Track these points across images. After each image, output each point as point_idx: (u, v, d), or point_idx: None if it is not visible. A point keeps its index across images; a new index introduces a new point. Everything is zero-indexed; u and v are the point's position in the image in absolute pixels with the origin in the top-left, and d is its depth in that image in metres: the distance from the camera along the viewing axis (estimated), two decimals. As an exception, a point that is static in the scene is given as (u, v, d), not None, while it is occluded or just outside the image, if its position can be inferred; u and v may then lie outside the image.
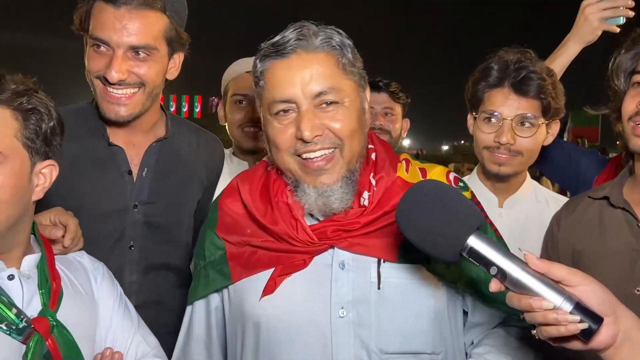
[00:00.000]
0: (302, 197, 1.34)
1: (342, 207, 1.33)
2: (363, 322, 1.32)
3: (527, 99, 1.85)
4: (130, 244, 1.80)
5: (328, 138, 1.30)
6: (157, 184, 1.84)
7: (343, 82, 1.32)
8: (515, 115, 1.86)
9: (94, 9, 1.67)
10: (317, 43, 1.30)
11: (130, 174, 1.80)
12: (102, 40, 1.66)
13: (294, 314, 1.34)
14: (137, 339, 1.47)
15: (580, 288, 1.01)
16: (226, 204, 1.48)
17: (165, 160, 1.87)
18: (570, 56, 2.19)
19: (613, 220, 1.56)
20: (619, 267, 1.49)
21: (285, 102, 1.30)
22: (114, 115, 1.72)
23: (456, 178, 1.49)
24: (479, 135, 1.94)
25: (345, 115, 1.31)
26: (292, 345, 1.33)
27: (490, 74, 1.89)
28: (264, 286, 1.36)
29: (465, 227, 1.08)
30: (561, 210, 1.72)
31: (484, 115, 1.91)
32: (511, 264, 1.03)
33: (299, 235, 1.34)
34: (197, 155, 2.01)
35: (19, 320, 1.19)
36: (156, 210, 1.83)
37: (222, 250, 1.44)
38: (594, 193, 1.64)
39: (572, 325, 0.98)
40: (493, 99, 1.89)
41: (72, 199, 1.70)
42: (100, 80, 1.70)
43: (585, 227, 1.61)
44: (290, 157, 1.33)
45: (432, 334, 1.35)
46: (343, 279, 1.34)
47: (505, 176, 1.94)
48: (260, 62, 1.34)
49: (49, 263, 1.32)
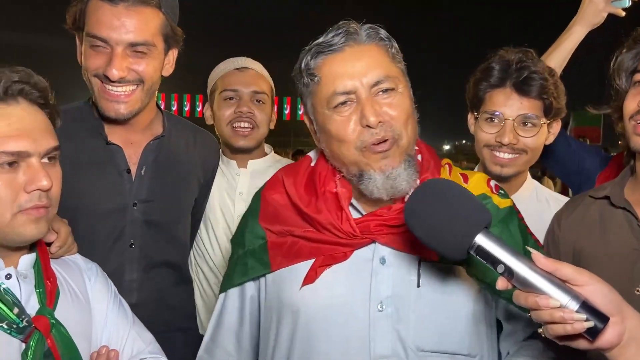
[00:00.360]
0: (369, 185, 1.34)
1: (409, 187, 1.34)
2: (401, 318, 1.33)
3: (529, 99, 1.85)
4: (130, 242, 1.80)
5: (389, 127, 1.33)
6: (155, 182, 1.84)
7: (394, 69, 1.37)
8: (518, 115, 1.85)
9: (90, 7, 1.66)
10: (366, 37, 1.36)
11: (129, 172, 1.81)
12: (101, 38, 1.65)
13: (334, 305, 1.36)
14: (133, 336, 1.48)
15: (587, 287, 1.01)
16: (269, 194, 1.50)
17: (163, 159, 1.88)
18: (577, 39, 2.18)
19: (614, 220, 1.56)
20: (619, 267, 1.49)
21: (345, 94, 1.33)
22: (114, 114, 1.72)
23: (497, 186, 1.50)
24: (480, 134, 1.94)
25: (401, 101, 1.35)
26: (330, 336, 1.34)
27: (492, 74, 1.89)
28: (305, 275, 1.38)
29: (473, 225, 1.09)
30: (562, 209, 1.72)
31: (485, 116, 1.91)
32: (518, 262, 1.04)
33: (343, 226, 1.36)
34: (194, 153, 2.01)
35: (19, 319, 1.20)
36: (155, 208, 1.84)
37: (262, 240, 1.46)
38: (595, 192, 1.64)
39: (578, 323, 0.98)
40: (495, 99, 1.88)
41: (71, 198, 1.69)
42: (99, 78, 1.69)
43: (586, 226, 1.61)
44: (354, 150, 1.34)
45: (468, 335, 1.35)
46: (383, 274, 1.35)
47: (507, 177, 1.94)
48: (312, 60, 1.37)
49: (44, 263, 1.33)
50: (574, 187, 2.38)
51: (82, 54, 1.72)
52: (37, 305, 1.25)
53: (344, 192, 1.39)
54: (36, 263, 1.32)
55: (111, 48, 1.65)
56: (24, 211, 1.22)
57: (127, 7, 1.64)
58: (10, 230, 1.22)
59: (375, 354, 1.32)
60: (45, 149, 1.25)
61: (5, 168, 1.20)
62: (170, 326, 1.90)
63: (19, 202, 1.21)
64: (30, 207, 1.22)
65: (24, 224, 1.23)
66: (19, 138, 1.20)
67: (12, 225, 1.21)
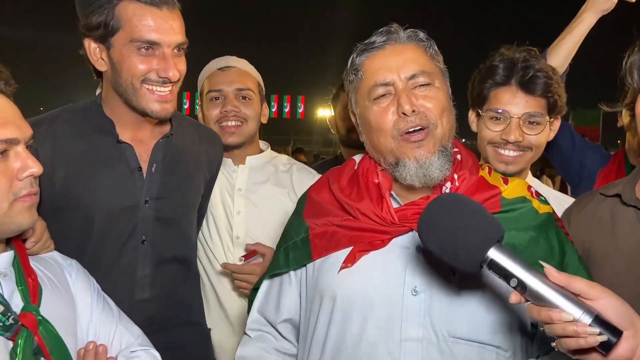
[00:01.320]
0: (402, 172, 1.40)
1: (441, 176, 1.40)
2: (434, 303, 1.36)
3: (535, 97, 1.85)
4: (142, 239, 1.83)
5: (424, 116, 1.40)
6: (165, 179, 1.86)
7: (432, 66, 1.46)
8: (523, 113, 1.86)
9: (127, 12, 1.65)
10: (406, 37, 1.46)
11: (140, 170, 1.82)
12: (153, 42, 1.66)
13: (369, 287, 1.40)
14: (120, 330, 1.47)
15: (600, 301, 1.01)
16: (315, 192, 1.58)
17: (172, 156, 1.90)
18: (587, 26, 2.18)
19: (625, 218, 1.54)
20: (629, 265, 1.48)
21: (384, 86, 1.42)
22: (164, 113, 1.77)
23: (537, 192, 1.52)
24: (484, 132, 1.93)
25: (436, 94, 1.43)
26: (364, 318, 1.38)
27: (497, 72, 1.89)
28: (344, 259, 1.42)
29: (485, 239, 1.10)
30: (571, 206, 1.71)
31: (490, 114, 1.91)
32: (531, 276, 1.05)
33: (383, 213, 1.41)
34: (199, 149, 2.03)
35: (5, 317, 1.17)
36: (165, 205, 1.86)
37: (305, 233, 1.52)
38: (606, 190, 1.63)
39: (592, 337, 0.99)
40: (500, 97, 1.88)
41: (85, 196, 1.75)
42: (149, 81, 1.71)
43: (596, 224, 1.59)
44: (391, 138, 1.41)
45: (501, 328, 1.36)
46: (419, 261, 1.38)
47: (510, 175, 1.93)
48: (357, 57, 1.48)
49: (22, 260, 1.31)
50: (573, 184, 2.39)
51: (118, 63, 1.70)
52: (21, 303, 1.23)
53: (384, 182, 1.46)
54: (15, 260, 1.30)
55: (161, 50, 1.68)
56: (19, 199, 1.22)
57: (170, 10, 1.68)
58: (8, 220, 1.22)
59: (406, 336, 1.34)
60: (29, 135, 1.25)
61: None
62: (181, 320, 1.93)
63: (14, 189, 1.22)
64: (25, 194, 1.23)
65: (20, 212, 1.23)
66: (6, 126, 1.20)
67: (10, 214, 1.22)
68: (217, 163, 2.16)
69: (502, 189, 1.45)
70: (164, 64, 1.68)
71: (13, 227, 1.24)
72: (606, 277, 1.51)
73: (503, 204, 1.42)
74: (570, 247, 1.46)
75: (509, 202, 1.43)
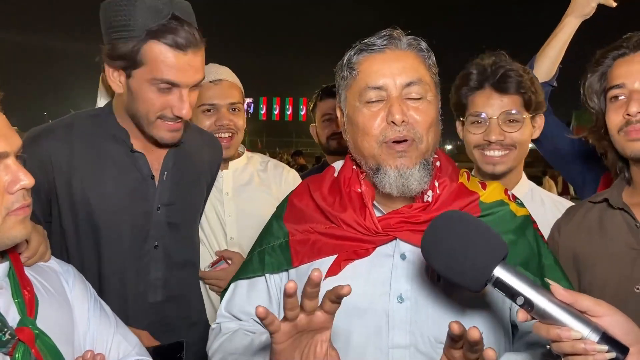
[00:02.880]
0: (382, 179, 1.39)
1: (420, 188, 1.39)
2: (420, 310, 1.36)
3: (509, 95, 1.91)
4: (155, 244, 1.86)
5: (411, 129, 1.39)
6: (175, 186, 1.91)
7: (427, 78, 1.44)
8: (500, 112, 1.91)
9: (153, 52, 1.66)
10: (407, 44, 1.45)
11: (153, 178, 1.87)
12: (173, 83, 1.70)
13: (354, 296, 1.35)
14: (118, 339, 1.45)
15: (605, 319, 1.02)
16: (297, 198, 1.57)
17: (181, 163, 1.95)
18: (570, 30, 2.26)
19: (613, 221, 1.57)
20: (619, 266, 1.50)
21: (377, 89, 1.40)
22: (173, 141, 1.83)
23: (514, 195, 1.54)
24: (468, 136, 1.99)
25: (427, 108, 1.42)
26: (350, 327, 1.37)
27: (470, 79, 1.96)
28: (328, 268, 1.41)
29: (491, 258, 1.09)
30: (562, 217, 1.75)
31: (471, 119, 1.96)
32: (537, 294, 1.04)
33: (366, 223, 1.41)
34: (202, 155, 2.07)
35: (1, 333, 1.14)
36: (175, 211, 1.90)
37: (285, 238, 1.51)
38: (594, 198, 1.68)
39: (600, 355, 0.99)
40: (477, 101, 1.95)
41: (98, 203, 1.78)
42: (163, 117, 1.75)
43: (585, 230, 1.62)
44: (376, 144, 1.40)
45: (486, 331, 1.36)
46: (403, 269, 1.39)
47: (500, 174, 1.97)
48: (355, 55, 1.45)
49: (18, 271, 1.28)
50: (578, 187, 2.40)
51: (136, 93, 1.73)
52: (17, 316, 1.21)
53: (367, 191, 1.45)
54: (10, 272, 1.27)
55: (179, 90, 1.71)
56: (11, 213, 1.19)
57: (194, 53, 1.69)
58: (1, 234, 1.19)
59: (393, 344, 1.34)
60: (18, 146, 1.22)
61: None
62: (190, 320, 1.99)
63: (6, 204, 1.19)
64: (18, 207, 1.20)
65: (14, 226, 1.20)
66: None
67: (3, 229, 1.19)
68: (216, 165, 2.21)
69: (480, 194, 1.46)
70: (179, 103, 1.72)
71: (7, 242, 1.22)
72: (597, 280, 1.55)
73: (482, 209, 1.43)
74: (546, 249, 1.47)
75: (487, 206, 1.44)
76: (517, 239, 1.41)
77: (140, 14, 1.64)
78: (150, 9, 1.64)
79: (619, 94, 1.53)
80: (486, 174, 1.98)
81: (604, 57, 1.60)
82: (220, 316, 1.58)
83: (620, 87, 1.53)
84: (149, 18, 1.64)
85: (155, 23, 1.64)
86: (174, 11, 1.66)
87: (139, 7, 1.64)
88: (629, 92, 1.51)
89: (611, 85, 1.55)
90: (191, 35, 1.67)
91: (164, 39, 1.64)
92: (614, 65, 1.57)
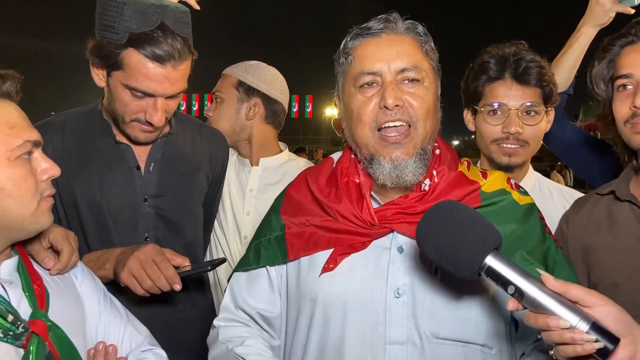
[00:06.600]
0: (376, 170, 1.38)
1: (414, 180, 1.37)
2: (417, 304, 1.34)
3: (530, 87, 1.88)
4: (145, 236, 1.87)
5: (407, 112, 1.36)
6: (163, 178, 1.91)
7: (425, 63, 1.40)
8: (521, 104, 1.87)
9: (131, 60, 1.66)
10: (404, 28, 1.41)
11: (139, 169, 1.88)
12: (148, 93, 1.70)
13: (351, 291, 1.37)
14: (129, 330, 1.47)
15: (597, 309, 1.01)
16: (294, 190, 1.55)
17: (171, 155, 1.95)
18: (587, 40, 2.19)
19: (621, 213, 1.56)
20: (627, 258, 1.49)
21: (372, 75, 1.38)
22: (147, 140, 1.85)
23: (517, 184, 1.51)
24: (485, 128, 1.94)
25: (424, 94, 1.38)
26: (346, 321, 1.36)
27: (490, 68, 1.91)
28: (324, 263, 1.40)
29: (483, 247, 1.09)
30: (570, 209, 1.74)
31: (488, 109, 1.92)
32: (528, 284, 1.05)
33: (362, 214, 1.39)
34: (201, 148, 2.07)
35: (14, 327, 1.15)
36: (165, 203, 1.91)
37: (281, 231, 1.49)
38: (601, 190, 1.66)
39: (589, 344, 0.98)
40: (496, 91, 1.90)
41: (87, 195, 1.82)
42: (137, 120, 1.77)
43: (593, 222, 1.61)
44: (370, 132, 1.38)
45: (485, 326, 1.35)
46: (400, 262, 1.37)
47: (514, 166, 1.94)
48: (350, 41, 1.43)
49: (27, 265, 1.30)
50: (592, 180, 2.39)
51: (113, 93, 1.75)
52: (29, 309, 1.22)
53: (365, 182, 1.43)
54: (20, 266, 1.28)
55: (154, 99, 1.72)
56: (42, 199, 1.24)
57: (174, 67, 1.68)
58: (34, 219, 1.23)
59: (390, 339, 1.33)
60: (39, 139, 1.26)
61: (26, 158, 1.21)
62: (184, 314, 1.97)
63: (40, 189, 1.23)
64: (47, 194, 1.25)
65: (44, 212, 1.25)
66: (30, 129, 1.23)
67: (36, 214, 1.23)
68: (221, 162, 2.19)
69: (481, 184, 1.43)
70: (153, 111, 1.73)
71: (37, 227, 1.26)
72: (607, 272, 1.54)
73: (483, 198, 1.40)
74: (550, 239, 1.45)
75: (488, 195, 1.41)
76: (520, 228, 1.39)
77: (128, 16, 1.63)
78: (139, 13, 1.63)
79: (626, 83, 1.53)
80: (501, 166, 1.94)
81: (612, 44, 1.58)
82: (224, 310, 1.58)
83: (627, 76, 1.52)
84: (135, 23, 1.63)
85: (139, 29, 1.63)
86: (164, 19, 1.64)
87: (128, 10, 1.63)
88: (636, 82, 1.51)
89: (618, 75, 1.54)
90: (174, 48, 1.65)
91: (143, 49, 1.64)
92: (622, 53, 1.55)
